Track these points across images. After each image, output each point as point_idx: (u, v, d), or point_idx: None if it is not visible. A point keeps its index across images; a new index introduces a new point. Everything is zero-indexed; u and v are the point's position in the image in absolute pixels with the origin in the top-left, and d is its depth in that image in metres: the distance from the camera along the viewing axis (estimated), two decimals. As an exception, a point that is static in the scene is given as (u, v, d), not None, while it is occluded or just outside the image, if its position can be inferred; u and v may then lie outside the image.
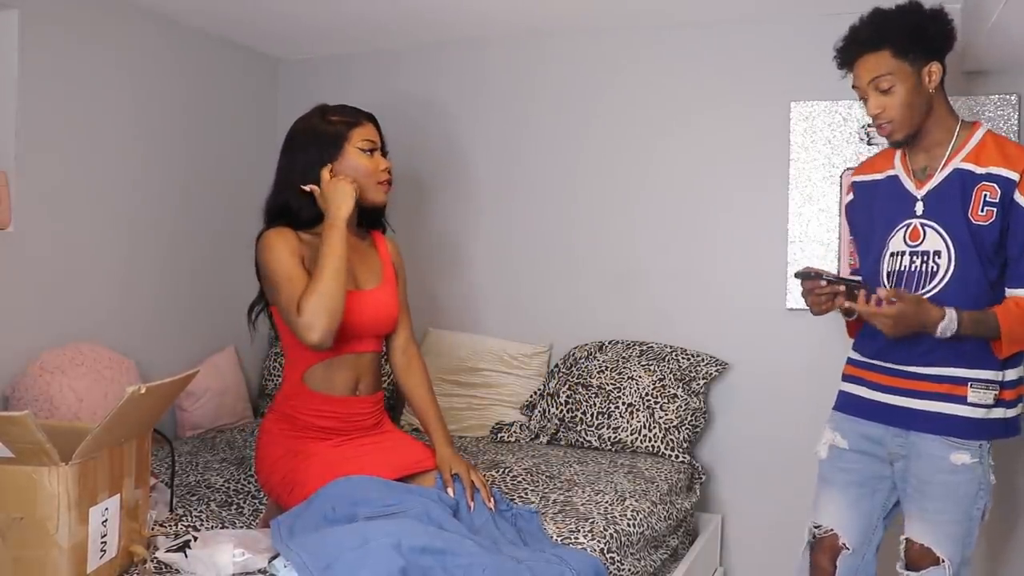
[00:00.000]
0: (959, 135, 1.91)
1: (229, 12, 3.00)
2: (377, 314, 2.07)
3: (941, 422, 1.88)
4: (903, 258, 1.93)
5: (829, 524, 2.06)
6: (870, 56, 1.87)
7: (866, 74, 1.88)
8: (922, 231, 1.91)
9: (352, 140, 2.01)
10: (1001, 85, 2.64)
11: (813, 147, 2.86)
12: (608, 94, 3.16)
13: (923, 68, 1.86)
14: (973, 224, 1.84)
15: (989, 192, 1.83)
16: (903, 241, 1.93)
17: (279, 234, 1.96)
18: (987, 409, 1.87)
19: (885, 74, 1.85)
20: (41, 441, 1.47)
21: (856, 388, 2.05)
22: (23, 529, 1.51)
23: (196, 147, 3.19)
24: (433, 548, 1.63)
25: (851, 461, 2.04)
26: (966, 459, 1.86)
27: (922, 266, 1.90)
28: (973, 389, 1.86)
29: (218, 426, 3.09)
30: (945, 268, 1.87)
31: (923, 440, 1.90)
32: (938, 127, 1.92)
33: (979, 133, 1.90)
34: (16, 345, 2.51)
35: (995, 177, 1.83)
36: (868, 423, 2.00)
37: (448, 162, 3.40)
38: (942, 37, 1.88)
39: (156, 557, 1.73)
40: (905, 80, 1.85)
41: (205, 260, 3.24)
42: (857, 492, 2.03)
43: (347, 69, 3.52)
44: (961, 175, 1.87)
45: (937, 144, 1.93)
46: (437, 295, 3.41)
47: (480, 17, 3.05)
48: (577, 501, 2.28)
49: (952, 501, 1.87)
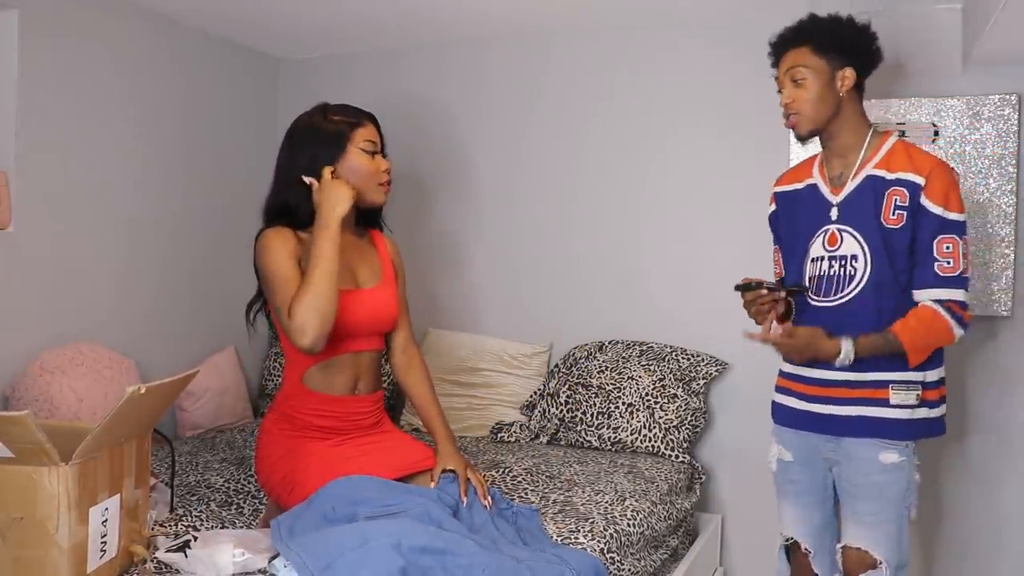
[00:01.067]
0: (870, 143, 1.98)
1: (229, 12, 3.00)
2: (376, 312, 2.06)
3: (868, 425, 1.92)
4: (823, 263, 1.99)
5: (790, 533, 2.11)
6: (792, 50, 1.99)
7: (784, 65, 2.00)
8: (839, 236, 1.97)
9: (354, 140, 2.01)
10: (1001, 85, 2.64)
11: (813, 147, 2.83)
12: (608, 94, 3.15)
13: (838, 71, 1.95)
14: (886, 228, 1.91)
15: (899, 196, 1.90)
16: (822, 246, 1.99)
17: (277, 234, 1.95)
18: (911, 410, 1.91)
19: (800, 66, 1.96)
20: (41, 441, 1.47)
21: (787, 399, 2.09)
22: (23, 529, 1.51)
23: (196, 147, 3.19)
24: (433, 548, 1.63)
25: (797, 473, 2.08)
26: (894, 458, 1.91)
27: (840, 270, 1.96)
28: (895, 391, 1.91)
29: (218, 426, 3.09)
30: (862, 271, 1.93)
31: (853, 444, 1.95)
32: (848, 132, 1.99)
33: (890, 141, 1.98)
34: (16, 345, 2.51)
35: (904, 182, 1.90)
36: (805, 433, 2.04)
37: (448, 162, 3.40)
38: (861, 48, 1.98)
39: (156, 557, 1.73)
40: (818, 76, 1.94)
41: (205, 260, 3.24)
42: (807, 501, 2.07)
43: (347, 69, 3.52)
44: (873, 181, 1.94)
45: (849, 150, 2.00)
46: (437, 295, 3.41)
47: (481, 17, 3.05)
48: (577, 501, 2.28)
49: (884, 501, 1.91)
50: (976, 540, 2.73)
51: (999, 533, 2.70)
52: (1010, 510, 2.68)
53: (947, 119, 2.68)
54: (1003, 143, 2.62)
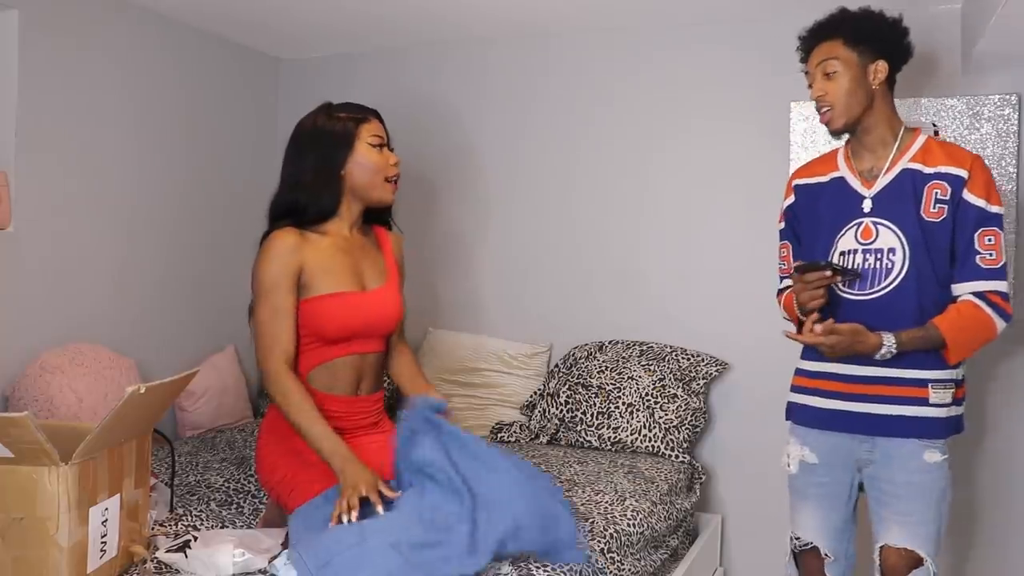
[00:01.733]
0: (903, 138, 1.97)
1: (229, 12, 3.00)
2: (383, 313, 2.07)
3: (910, 425, 1.91)
4: (855, 256, 1.97)
5: (808, 537, 2.07)
6: (824, 43, 1.97)
7: (815, 58, 1.98)
8: (874, 229, 1.95)
9: (361, 136, 2.02)
10: (1001, 85, 2.64)
11: (813, 147, 2.85)
12: (610, 94, 3.15)
13: (870, 64, 1.94)
14: (925, 221, 1.90)
15: (940, 190, 1.90)
16: (855, 239, 1.97)
17: (282, 242, 1.95)
18: (947, 408, 1.91)
19: (831, 58, 1.94)
20: (41, 441, 1.47)
21: (811, 399, 2.05)
22: (23, 529, 1.51)
23: (196, 147, 3.19)
24: (430, 542, 1.63)
25: (823, 475, 2.04)
26: (937, 457, 1.90)
27: (876, 263, 1.93)
28: (934, 389, 1.90)
29: (218, 426, 3.09)
30: (900, 264, 1.91)
31: (892, 444, 1.93)
32: (881, 126, 1.98)
33: (922, 137, 1.97)
34: (16, 345, 2.51)
35: (945, 176, 1.90)
36: (834, 433, 2.01)
37: (449, 162, 3.40)
38: (893, 41, 1.97)
39: (156, 557, 1.74)
40: (850, 69, 1.93)
41: (205, 260, 3.24)
42: (831, 504, 2.04)
43: (348, 68, 3.52)
44: (911, 174, 1.93)
45: (881, 144, 1.98)
46: (438, 295, 3.41)
47: (483, 16, 3.05)
48: (577, 501, 2.28)
49: (926, 500, 1.90)
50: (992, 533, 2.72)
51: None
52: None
53: (947, 119, 2.68)
54: (1003, 143, 2.62)
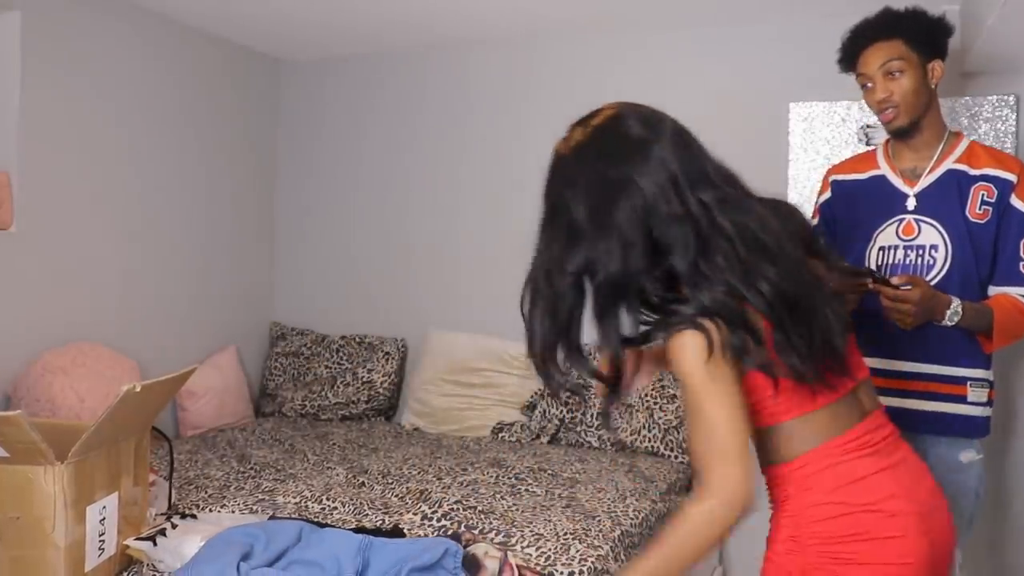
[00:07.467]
0: (948, 140, 1.97)
1: (229, 12, 3.01)
2: None
3: (950, 422, 1.90)
4: (896, 252, 1.96)
5: None
6: (882, 43, 1.91)
7: (876, 60, 1.91)
8: (916, 226, 1.94)
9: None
10: (999, 86, 2.64)
11: (812, 147, 2.85)
12: (606, 94, 3.12)
13: (928, 63, 1.92)
14: (970, 221, 1.89)
15: (986, 192, 1.89)
16: (896, 235, 1.96)
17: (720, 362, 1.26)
18: (983, 407, 1.91)
19: (897, 58, 1.89)
20: (35, 440, 1.47)
21: None
22: (20, 529, 1.52)
23: (197, 147, 3.20)
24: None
25: None
26: (973, 455, 1.90)
27: (917, 259, 1.93)
28: (973, 388, 1.89)
29: (219, 426, 3.10)
30: (943, 261, 1.90)
31: (928, 442, 1.90)
32: (932, 127, 1.96)
33: (965, 141, 1.97)
34: (18, 345, 2.52)
35: (992, 178, 1.89)
36: None
37: (450, 161, 3.40)
38: (944, 40, 1.96)
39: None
40: (914, 69, 1.90)
41: (206, 260, 3.25)
42: None
43: (348, 69, 3.52)
44: (956, 175, 1.92)
45: (926, 145, 1.97)
46: (438, 295, 3.41)
47: (482, 18, 3.05)
48: (581, 497, 2.30)
49: (960, 498, 1.88)
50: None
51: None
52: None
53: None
54: (1001, 144, 2.61)
